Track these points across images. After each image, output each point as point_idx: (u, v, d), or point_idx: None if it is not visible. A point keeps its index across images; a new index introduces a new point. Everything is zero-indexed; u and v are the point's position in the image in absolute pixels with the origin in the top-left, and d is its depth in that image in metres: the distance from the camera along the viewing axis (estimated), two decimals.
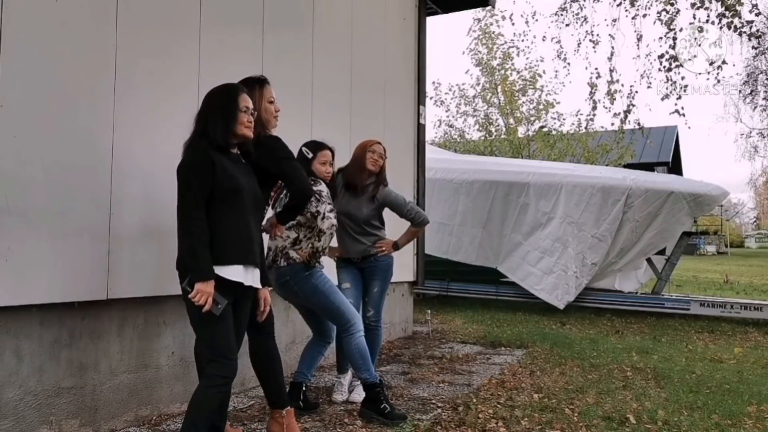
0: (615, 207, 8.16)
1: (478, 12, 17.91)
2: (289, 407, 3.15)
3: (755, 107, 20.99)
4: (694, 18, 9.52)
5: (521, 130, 19.66)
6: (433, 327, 7.05)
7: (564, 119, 19.29)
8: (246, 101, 2.72)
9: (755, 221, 61.50)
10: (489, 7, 11.12)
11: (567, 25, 11.35)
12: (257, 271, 2.73)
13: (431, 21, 7.25)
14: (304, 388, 3.72)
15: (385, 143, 4.19)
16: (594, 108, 11.04)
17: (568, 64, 11.97)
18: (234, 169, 2.65)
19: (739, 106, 30.18)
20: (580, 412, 3.76)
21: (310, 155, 3.66)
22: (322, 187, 3.52)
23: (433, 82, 20.77)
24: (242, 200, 2.63)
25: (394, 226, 4.26)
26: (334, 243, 4.00)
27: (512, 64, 19.23)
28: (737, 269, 20.97)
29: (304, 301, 3.64)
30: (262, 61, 4.28)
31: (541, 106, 19.30)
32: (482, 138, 20.00)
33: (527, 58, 25.79)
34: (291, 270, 3.44)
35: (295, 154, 3.62)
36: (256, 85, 3.14)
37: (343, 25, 5.36)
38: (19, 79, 2.78)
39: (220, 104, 2.67)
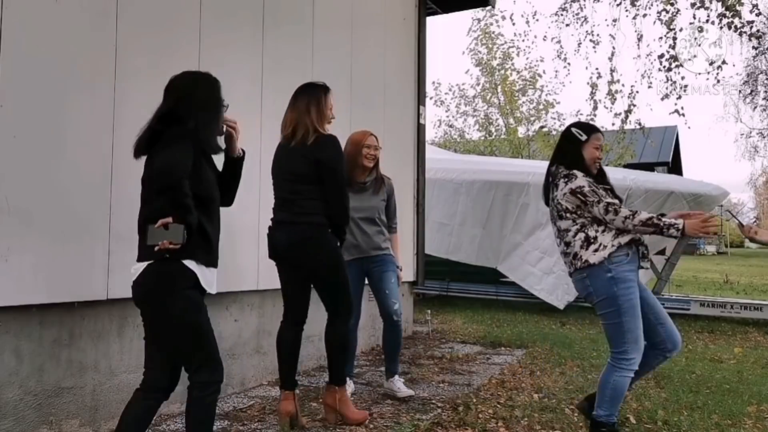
0: None
1: (478, 12, 17.91)
2: (343, 386, 3.48)
3: (755, 107, 20.96)
4: (694, 18, 9.53)
5: (521, 130, 19.65)
6: (433, 327, 7.04)
7: (564, 119, 19.29)
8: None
9: (755, 221, 61.51)
10: (489, 7, 11.12)
11: (567, 25, 11.35)
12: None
13: (431, 21, 7.25)
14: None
15: (385, 143, 4.20)
16: (595, 108, 11.03)
17: (569, 64, 11.97)
18: (211, 175, 2.48)
19: (739, 106, 30.15)
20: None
21: (584, 137, 3.22)
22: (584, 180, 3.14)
23: (433, 82, 20.77)
24: (216, 207, 2.49)
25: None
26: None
27: (512, 64, 19.23)
28: (737, 269, 20.97)
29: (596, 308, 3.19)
30: (262, 61, 4.28)
31: (541, 106, 19.30)
32: (482, 138, 19.99)
33: (527, 58, 25.85)
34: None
35: None
36: (321, 91, 3.35)
37: (343, 25, 5.36)
38: (19, 79, 2.78)
39: (208, 99, 2.44)
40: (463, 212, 8.96)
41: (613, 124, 11.51)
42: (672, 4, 9.56)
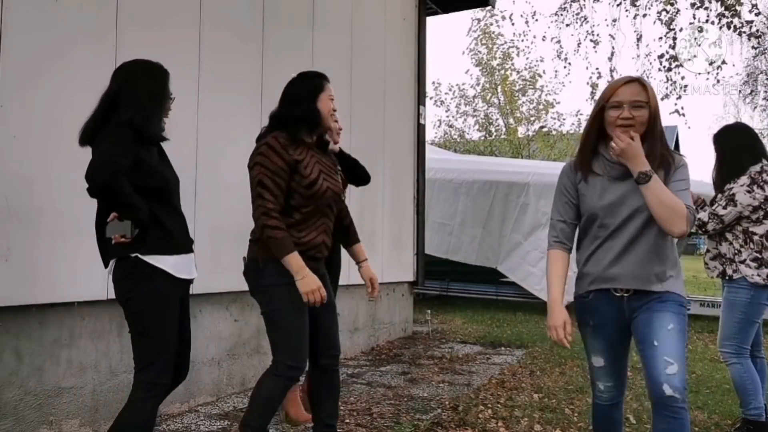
0: None
1: (478, 12, 17.90)
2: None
3: (755, 107, 20.95)
4: (694, 18, 9.52)
5: (521, 130, 19.66)
6: (433, 327, 7.04)
7: (564, 119, 19.31)
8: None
9: None
10: (489, 7, 11.13)
11: (567, 25, 11.34)
12: (193, 258, 2.48)
13: (431, 21, 7.25)
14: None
15: (385, 143, 4.19)
16: None
17: (569, 64, 11.97)
18: (161, 164, 2.39)
19: (739, 106, 30.06)
20: (580, 412, 3.76)
21: None
22: None
23: (433, 82, 20.76)
24: (171, 194, 2.40)
25: None
26: None
27: (512, 64, 19.24)
28: None
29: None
30: (262, 60, 4.28)
31: (541, 106, 19.31)
32: (482, 138, 20.00)
33: (527, 58, 25.78)
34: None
35: None
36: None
37: (343, 25, 5.36)
38: (19, 79, 2.78)
39: (153, 90, 2.34)
40: (463, 212, 8.96)
41: None
42: (672, 4, 9.56)
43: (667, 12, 9.59)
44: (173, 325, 2.32)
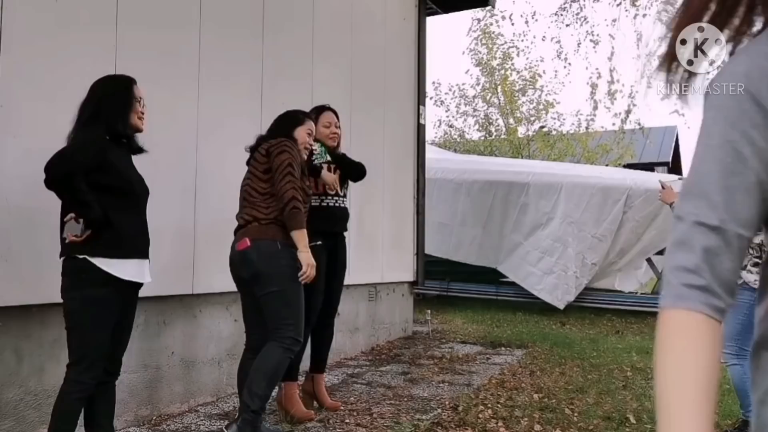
0: (615, 207, 8.16)
1: (478, 12, 17.88)
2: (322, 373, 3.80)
3: None
4: None
5: (521, 130, 19.64)
6: (433, 327, 7.04)
7: (564, 119, 19.29)
8: (139, 91, 2.57)
9: None
10: (489, 7, 11.12)
11: (567, 25, 11.37)
12: (147, 263, 2.59)
13: (431, 21, 7.25)
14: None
15: (385, 143, 4.19)
16: (595, 108, 11.05)
17: (569, 64, 11.99)
18: (128, 169, 2.54)
19: None
20: (580, 412, 3.77)
21: None
22: None
23: (433, 82, 20.73)
24: (136, 198, 2.54)
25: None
26: None
27: (512, 64, 19.22)
28: None
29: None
30: (262, 61, 4.28)
31: (541, 106, 19.29)
32: (482, 138, 19.98)
33: (527, 58, 25.75)
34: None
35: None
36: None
37: (343, 25, 5.36)
38: (19, 79, 2.78)
39: (115, 94, 2.52)
40: (463, 212, 8.97)
41: (613, 124, 11.52)
42: (672, 5, 9.57)
43: (667, 12, 9.60)
44: (105, 328, 2.43)
